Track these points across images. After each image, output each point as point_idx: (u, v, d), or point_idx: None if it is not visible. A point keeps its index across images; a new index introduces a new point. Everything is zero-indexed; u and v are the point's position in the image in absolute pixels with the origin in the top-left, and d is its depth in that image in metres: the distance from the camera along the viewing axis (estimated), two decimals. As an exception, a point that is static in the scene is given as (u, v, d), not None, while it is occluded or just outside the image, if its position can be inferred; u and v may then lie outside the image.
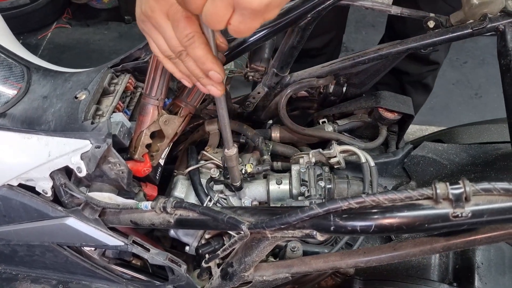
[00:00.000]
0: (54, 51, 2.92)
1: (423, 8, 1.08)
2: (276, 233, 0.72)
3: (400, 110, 1.19)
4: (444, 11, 1.08)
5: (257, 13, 0.53)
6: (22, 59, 1.07)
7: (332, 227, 0.65)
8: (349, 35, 2.92)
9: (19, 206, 0.98)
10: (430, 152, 1.17)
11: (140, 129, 0.95)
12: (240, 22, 0.54)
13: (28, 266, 1.21)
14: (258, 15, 0.53)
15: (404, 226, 0.61)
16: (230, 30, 0.56)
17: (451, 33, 1.01)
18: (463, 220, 0.58)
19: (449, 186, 0.58)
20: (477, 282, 0.97)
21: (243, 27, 0.55)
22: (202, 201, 1.09)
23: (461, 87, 2.70)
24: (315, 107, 1.36)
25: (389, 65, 1.18)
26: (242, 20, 0.54)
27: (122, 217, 0.94)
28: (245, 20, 0.54)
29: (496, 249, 1.01)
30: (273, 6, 0.53)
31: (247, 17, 0.53)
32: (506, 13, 0.97)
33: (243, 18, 0.54)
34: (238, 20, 0.54)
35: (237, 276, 0.90)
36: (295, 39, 1.08)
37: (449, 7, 1.38)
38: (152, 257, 1.00)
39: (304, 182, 1.08)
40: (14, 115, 0.96)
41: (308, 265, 0.86)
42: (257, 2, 0.51)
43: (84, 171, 0.88)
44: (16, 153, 0.93)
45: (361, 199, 0.62)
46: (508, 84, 0.88)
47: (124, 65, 1.02)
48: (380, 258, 0.78)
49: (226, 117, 0.82)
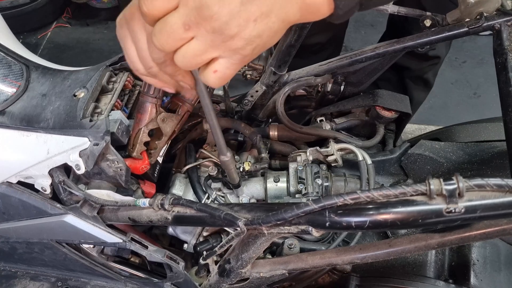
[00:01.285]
0: (54, 51, 2.93)
1: (426, 6, 1.09)
2: (272, 229, 0.73)
3: (398, 108, 1.19)
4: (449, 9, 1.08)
5: (244, 59, 0.54)
6: (21, 57, 1.07)
7: (328, 223, 0.65)
8: (348, 35, 2.91)
9: (18, 203, 0.99)
10: (427, 150, 1.17)
11: (138, 127, 0.96)
12: (227, 67, 0.55)
13: (27, 264, 1.22)
14: (245, 60, 0.55)
15: (398, 222, 0.61)
16: (212, 78, 0.55)
17: (447, 32, 1.02)
18: (457, 216, 0.59)
19: (443, 182, 0.59)
20: (472, 279, 0.97)
21: (228, 72, 0.55)
22: (200, 198, 1.10)
23: (460, 86, 2.71)
24: (313, 106, 1.36)
25: (387, 63, 1.18)
26: (229, 65, 0.54)
27: (120, 214, 0.95)
28: (232, 65, 0.54)
29: (491, 246, 1.01)
30: (256, 53, 0.54)
31: (235, 63, 0.54)
32: (502, 11, 0.97)
33: (230, 64, 0.54)
34: (225, 65, 0.54)
35: (234, 273, 0.91)
36: (293, 38, 1.09)
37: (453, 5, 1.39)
38: (150, 254, 1.00)
39: (301, 180, 1.08)
40: (13, 113, 0.96)
41: (305, 261, 0.86)
42: (247, 49, 0.52)
43: (82, 169, 0.88)
44: (15, 151, 0.94)
45: (356, 195, 0.63)
46: (503, 82, 0.89)
47: (123, 63, 1.03)
48: (375, 255, 0.79)
49: (217, 127, 0.81)
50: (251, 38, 0.52)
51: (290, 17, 0.53)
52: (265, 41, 0.54)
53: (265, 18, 0.51)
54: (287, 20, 0.53)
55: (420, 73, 1.80)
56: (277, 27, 0.53)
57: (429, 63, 1.76)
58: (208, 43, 0.52)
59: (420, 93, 1.88)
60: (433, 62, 1.76)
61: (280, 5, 0.51)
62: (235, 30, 0.51)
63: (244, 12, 0.50)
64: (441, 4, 1.07)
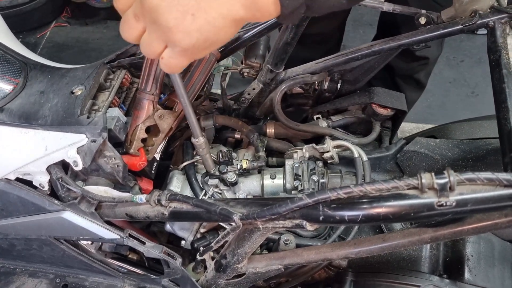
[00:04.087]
0: (53, 50, 2.94)
1: (411, 5, 1.10)
2: (267, 224, 0.73)
3: (393, 106, 1.20)
4: (433, 8, 1.09)
5: (186, 52, 0.56)
6: (19, 55, 1.08)
7: (321, 217, 0.66)
8: (346, 34, 2.92)
9: (17, 200, 0.99)
10: (422, 147, 1.18)
11: (135, 123, 0.97)
12: (170, 57, 0.58)
13: (26, 260, 1.23)
14: (187, 53, 0.57)
15: (390, 215, 0.62)
16: (161, 64, 0.59)
17: (442, 30, 1.03)
18: (448, 209, 0.60)
19: (434, 176, 0.59)
20: (466, 274, 0.98)
21: (173, 62, 0.58)
22: (197, 195, 1.10)
23: (458, 85, 2.72)
24: (309, 103, 1.37)
25: (383, 61, 1.19)
26: (172, 55, 0.57)
27: (117, 210, 0.96)
28: (175, 56, 0.57)
29: (485, 242, 1.02)
30: (201, 48, 0.56)
31: (177, 54, 0.57)
32: (496, 9, 0.98)
33: (173, 54, 0.57)
34: (168, 55, 0.57)
35: (230, 268, 0.92)
36: (289, 36, 1.10)
37: (437, 5, 1.39)
38: (148, 250, 1.01)
39: (297, 177, 1.09)
40: (12, 110, 0.97)
41: (300, 256, 0.87)
42: (186, 41, 0.54)
43: (80, 165, 0.89)
44: (13, 148, 0.94)
45: (349, 189, 0.63)
46: (496, 79, 0.90)
47: (120, 61, 1.03)
48: (370, 249, 0.79)
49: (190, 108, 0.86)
50: (190, 31, 0.53)
51: (233, 14, 0.54)
52: (207, 37, 0.55)
53: (203, 13, 0.52)
54: (230, 16, 0.54)
55: (409, 72, 1.81)
56: (219, 23, 0.54)
57: (418, 64, 1.76)
58: (153, 34, 0.56)
59: (412, 93, 1.89)
60: (422, 62, 1.76)
61: (221, 1, 0.53)
62: (173, 22, 0.53)
63: (182, 6, 0.52)
64: (425, 4, 1.08)
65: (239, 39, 1.14)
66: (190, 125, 0.89)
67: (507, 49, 0.95)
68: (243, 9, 0.54)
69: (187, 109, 0.86)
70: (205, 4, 0.52)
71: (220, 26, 0.54)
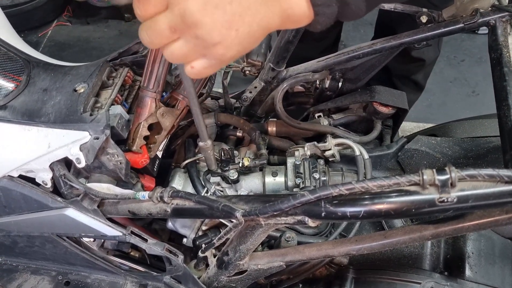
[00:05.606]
0: (55, 49, 2.94)
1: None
2: (269, 220, 0.74)
3: (394, 104, 1.21)
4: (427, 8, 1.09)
5: (223, 63, 0.57)
6: (22, 53, 1.08)
7: (323, 213, 0.67)
8: (347, 33, 2.93)
9: (20, 197, 1.00)
10: (423, 146, 1.19)
11: (138, 121, 0.97)
12: (204, 67, 0.57)
13: (28, 258, 1.23)
14: (223, 64, 0.57)
15: (392, 211, 0.63)
16: (190, 71, 0.58)
17: (443, 28, 1.03)
18: (449, 205, 0.60)
19: (436, 173, 0.60)
20: (467, 271, 0.99)
21: (205, 72, 0.58)
22: (199, 193, 1.11)
23: (458, 85, 2.72)
24: (311, 102, 1.37)
25: (384, 60, 1.20)
26: (207, 66, 0.57)
27: (120, 207, 0.96)
28: (210, 67, 0.57)
29: (486, 239, 1.03)
30: (236, 58, 0.57)
31: (213, 65, 0.57)
32: (497, 8, 0.99)
33: (208, 65, 0.57)
34: (203, 65, 0.57)
35: (232, 265, 0.92)
36: (291, 34, 1.10)
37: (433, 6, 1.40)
38: (150, 247, 1.02)
39: (299, 174, 1.09)
40: (15, 107, 0.98)
41: (302, 253, 0.88)
42: (228, 56, 0.55)
43: (83, 162, 0.89)
44: (17, 145, 0.95)
45: (351, 186, 0.64)
46: (497, 77, 0.90)
47: (123, 59, 1.04)
48: (371, 246, 0.80)
49: (199, 113, 0.87)
50: (232, 46, 0.54)
51: (271, 25, 0.55)
52: (246, 47, 0.56)
53: (247, 27, 0.53)
54: (268, 27, 0.55)
55: (405, 73, 1.81)
56: (258, 35, 0.55)
57: (414, 65, 1.76)
58: (191, 47, 0.55)
59: (410, 94, 1.89)
60: (418, 64, 1.76)
61: (263, 15, 0.53)
62: (218, 38, 0.53)
63: (227, 22, 0.52)
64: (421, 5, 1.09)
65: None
66: (198, 128, 0.90)
67: (508, 47, 0.96)
68: (279, 21, 0.55)
69: (197, 114, 0.86)
70: (250, 18, 0.53)
71: (258, 37, 0.55)
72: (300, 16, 0.55)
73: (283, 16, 0.55)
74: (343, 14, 0.57)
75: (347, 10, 0.57)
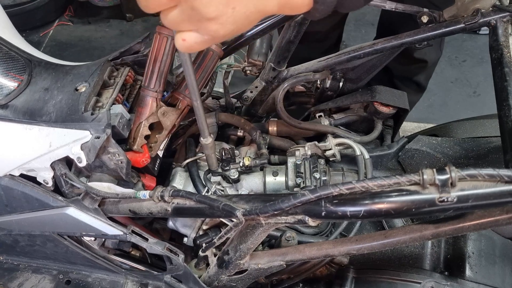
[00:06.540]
0: (56, 48, 2.95)
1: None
2: (269, 219, 0.74)
3: (395, 104, 1.21)
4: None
5: (214, 40, 0.57)
6: (24, 53, 1.09)
7: (323, 213, 0.67)
8: (348, 33, 2.93)
9: (21, 196, 1.00)
10: (424, 146, 1.19)
11: (139, 120, 0.97)
12: (195, 42, 0.57)
13: (29, 256, 1.23)
14: (214, 41, 0.57)
15: (392, 211, 0.63)
16: (180, 44, 0.58)
17: (444, 28, 1.03)
18: (449, 205, 0.60)
19: (436, 172, 0.60)
20: (467, 271, 0.99)
21: (196, 46, 0.58)
22: (199, 192, 1.11)
23: (460, 85, 2.72)
24: (312, 102, 1.38)
25: (385, 60, 1.20)
26: (198, 41, 0.57)
27: (121, 206, 0.96)
28: (201, 41, 0.57)
29: (486, 239, 1.03)
30: (227, 37, 0.57)
31: (205, 41, 0.57)
32: (498, 8, 0.99)
33: (200, 40, 0.57)
34: (194, 40, 0.57)
35: (233, 264, 0.92)
36: (292, 34, 1.10)
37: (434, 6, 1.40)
38: (151, 247, 1.02)
39: (299, 174, 1.09)
40: (16, 106, 0.98)
41: (302, 252, 0.88)
42: (220, 33, 0.55)
43: (84, 161, 0.90)
44: (18, 144, 0.95)
45: (351, 185, 0.64)
46: (498, 77, 0.90)
47: (124, 59, 1.04)
48: (371, 246, 0.80)
49: (201, 109, 0.87)
50: (226, 23, 0.54)
51: (267, 9, 0.55)
52: (240, 28, 0.56)
53: (244, 7, 0.53)
54: (264, 11, 0.55)
55: (407, 74, 1.81)
56: (253, 17, 0.55)
57: (416, 66, 1.76)
58: (186, 17, 0.55)
59: (412, 95, 1.89)
60: (420, 65, 1.76)
61: None
62: (213, 14, 0.53)
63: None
64: (421, 5, 1.09)
65: (242, 37, 1.14)
66: (199, 124, 0.90)
67: (509, 47, 0.96)
68: (277, 6, 0.55)
69: (198, 110, 0.86)
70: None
71: (252, 19, 0.55)
72: (299, 3, 0.55)
73: (281, 2, 0.55)
74: (342, 3, 0.57)
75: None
